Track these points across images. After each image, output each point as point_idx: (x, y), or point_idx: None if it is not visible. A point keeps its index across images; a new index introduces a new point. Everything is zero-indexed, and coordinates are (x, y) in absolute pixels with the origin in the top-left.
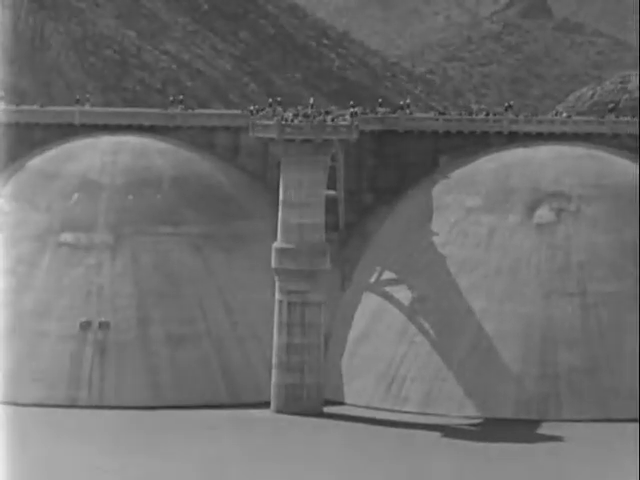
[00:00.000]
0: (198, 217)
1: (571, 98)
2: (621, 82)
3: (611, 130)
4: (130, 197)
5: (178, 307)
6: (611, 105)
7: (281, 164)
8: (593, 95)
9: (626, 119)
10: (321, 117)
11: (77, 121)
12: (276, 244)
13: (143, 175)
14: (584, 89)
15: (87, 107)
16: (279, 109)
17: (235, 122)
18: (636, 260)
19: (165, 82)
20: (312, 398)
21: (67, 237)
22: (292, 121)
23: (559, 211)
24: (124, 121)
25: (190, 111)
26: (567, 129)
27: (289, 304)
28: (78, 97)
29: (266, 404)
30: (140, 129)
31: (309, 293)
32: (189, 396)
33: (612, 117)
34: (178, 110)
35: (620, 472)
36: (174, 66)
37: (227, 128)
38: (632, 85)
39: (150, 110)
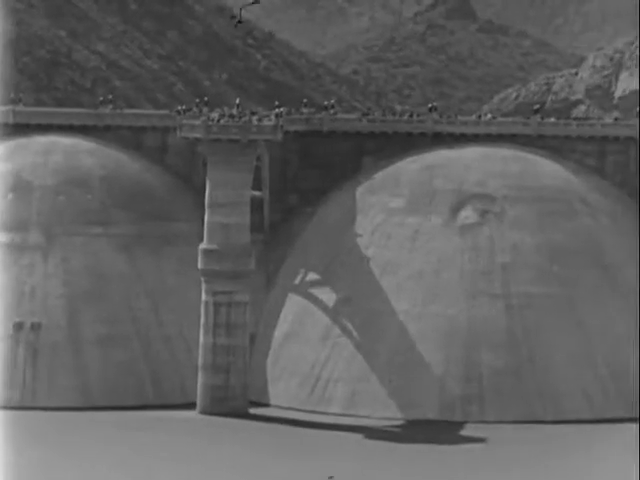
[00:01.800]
0: (127, 218)
1: (496, 99)
2: (546, 83)
3: (536, 131)
4: (61, 198)
5: (107, 308)
6: (536, 106)
7: (207, 164)
8: (518, 96)
9: (551, 120)
10: (247, 117)
11: (11, 120)
12: (202, 245)
13: (73, 175)
14: (509, 90)
15: (21, 107)
16: (206, 109)
17: (163, 122)
18: (561, 262)
19: (95, 82)
20: (237, 399)
21: (1, 237)
22: (218, 121)
23: (483, 212)
24: (56, 121)
25: (119, 111)
26: (491, 130)
27: (215, 305)
28: (12, 96)
29: (193, 405)
30: (71, 129)
31: (234, 294)
32: (118, 397)
33: (537, 118)
34: (108, 110)
35: (544, 473)
36: (104, 66)
37: (155, 128)
38: (557, 86)
39: (80, 110)
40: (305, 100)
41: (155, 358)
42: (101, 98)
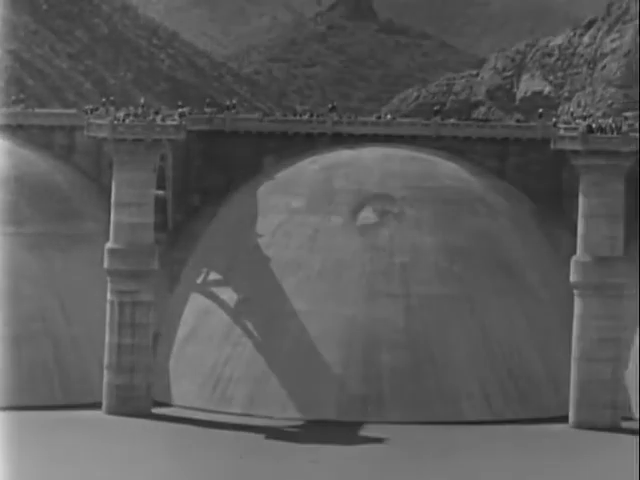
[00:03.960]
0: (37, 217)
1: (396, 100)
2: (446, 84)
3: (436, 132)
4: None
5: (18, 307)
6: (436, 107)
7: (113, 164)
8: (418, 97)
9: (451, 121)
10: (151, 117)
11: None
12: (108, 244)
13: None
14: (409, 91)
15: None
16: (112, 109)
17: (71, 121)
18: (460, 262)
19: (8, 81)
20: (141, 399)
21: None
22: (123, 121)
23: (382, 213)
24: None
25: (30, 110)
26: (391, 131)
27: (120, 304)
28: None
29: (100, 405)
30: None
31: (139, 293)
32: (28, 397)
33: (437, 119)
34: (19, 109)
35: (438, 473)
36: (17, 65)
37: (63, 127)
38: (457, 87)
39: None
40: (208, 100)
41: (64, 358)
42: (13, 97)
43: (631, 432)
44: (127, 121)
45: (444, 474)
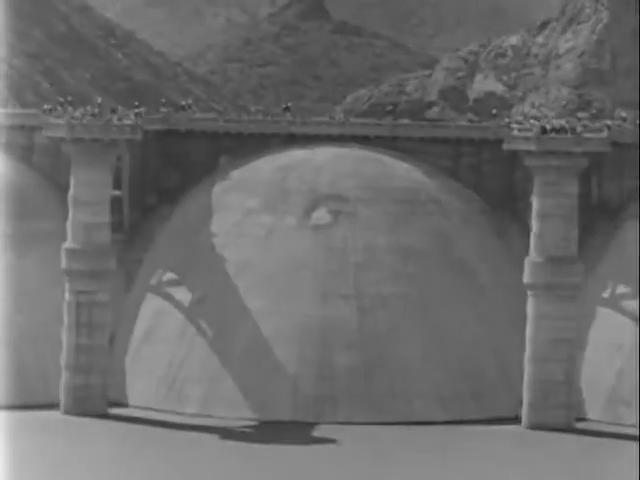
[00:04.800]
0: None
1: (349, 100)
2: (399, 85)
3: (389, 133)
4: None
5: None
6: (389, 107)
7: (71, 164)
8: (371, 97)
9: (404, 122)
10: (108, 117)
11: None
12: (65, 244)
13: None
14: (362, 91)
15: None
16: (70, 108)
17: (30, 121)
18: (413, 262)
19: None
20: (97, 399)
21: None
22: (81, 121)
23: (336, 213)
24: None
25: None
26: (345, 131)
27: (77, 304)
28: None
29: (58, 405)
30: None
31: (96, 293)
32: None
33: (390, 120)
34: None
35: (394, 473)
36: None
37: (22, 127)
38: (410, 88)
39: None
40: (164, 100)
41: (22, 358)
42: None
43: (584, 433)
44: (84, 121)
45: (397, 474)
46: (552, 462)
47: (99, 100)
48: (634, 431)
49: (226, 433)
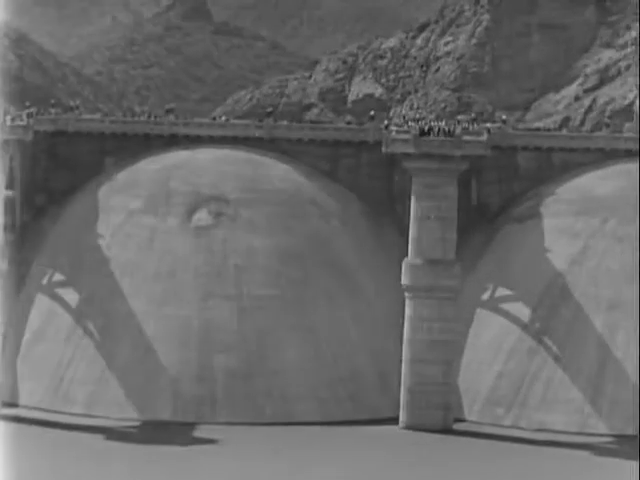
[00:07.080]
0: None
1: (230, 101)
2: (279, 86)
3: (269, 134)
4: None
5: None
6: (269, 109)
7: None
8: (251, 99)
9: (284, 123)
10: (0, 118)
11: None
12: None
13: None
14: (243, 92)
15: None
16: None
17: None
18: (292, 264)
19: None
20: None
21: None
22: None
23: (217, 215)
24: None
25: None
26: (226, 132)
27: None
28: None
29: None
30: None
31: None
32: None
33: (270, 121)
34: None
35: (273, 473)
36: None
37: None
38: (290, 89)
39: None
40: (53, 101)
41: None
42: None
43: (463, 434)
44: None
45: (276, 474)
46: (429, 463)
47: None
48: (511, 432)
49: (110, 433)
